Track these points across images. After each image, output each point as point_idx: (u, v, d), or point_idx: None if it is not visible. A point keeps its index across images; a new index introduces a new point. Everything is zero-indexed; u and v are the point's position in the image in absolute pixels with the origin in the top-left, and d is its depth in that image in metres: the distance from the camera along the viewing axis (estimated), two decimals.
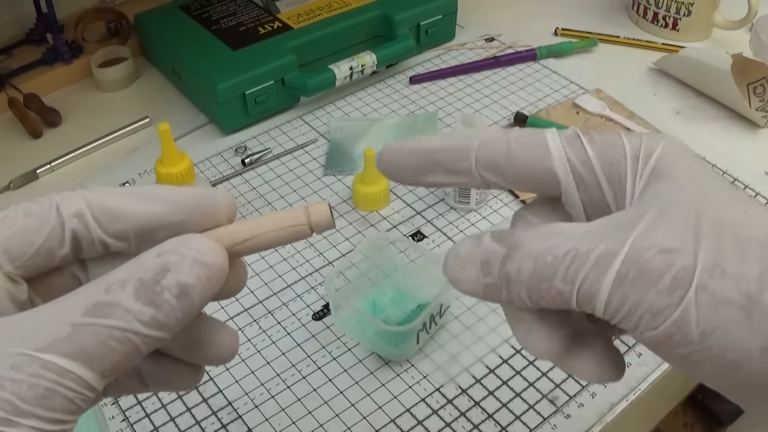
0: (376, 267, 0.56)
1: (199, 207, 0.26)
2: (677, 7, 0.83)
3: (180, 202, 0.26)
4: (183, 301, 0.23)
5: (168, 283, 0.23)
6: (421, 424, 0.48)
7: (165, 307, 0.23)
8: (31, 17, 0.79)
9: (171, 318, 0.23)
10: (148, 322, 0.23)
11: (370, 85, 0.79)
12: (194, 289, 0.23)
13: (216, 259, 0.24)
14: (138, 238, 0.26)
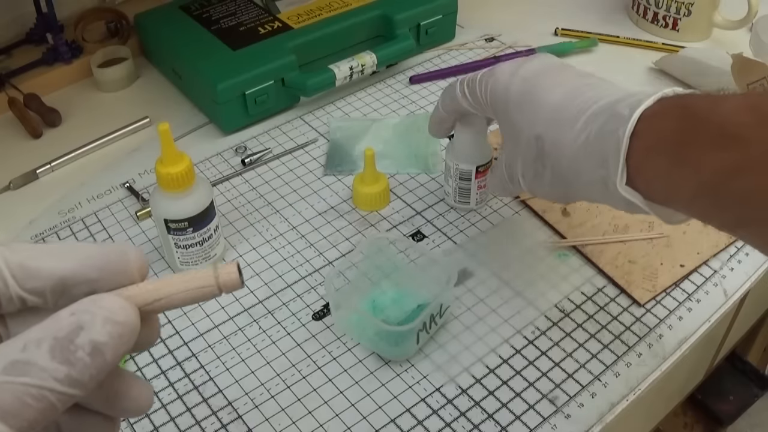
0: (376, 267, 0.56)
1: (111, 265, 0.27)
2: (677, 7, 0.83)
3: (93, 260, 0.27)
4: (96, 358, 0.25)
5: (81, 341, 0.24)
6: (421, 424, 0.48)
7: (79, 365, 0.24)
8: (31, 17, 0.79)
9: (85, 375, 0.24)
10: (63, 380, 0.24)
11: (370, 85, 0.79)
12: (107, 346, 0.25)
13: (127, 317, 0.26)
14: (54, 294, 0.27)
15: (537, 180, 0.47)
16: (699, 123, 0.37)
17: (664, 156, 0.39)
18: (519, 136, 0.47)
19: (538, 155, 0.46)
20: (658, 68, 0.80)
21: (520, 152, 0.47)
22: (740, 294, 0.57)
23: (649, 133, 0.39)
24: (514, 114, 0.47)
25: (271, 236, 0.62)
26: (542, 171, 0.46)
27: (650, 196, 0.40)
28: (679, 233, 0.60)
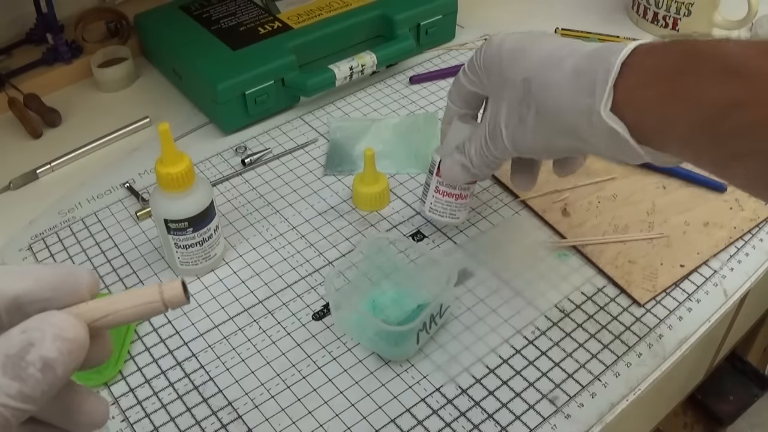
0: (376, 267, 0.56)
1: (63, 284, 0.28)
2: (677, 7, 0.83)
3: (46, 280, 0.28)
4: (47, 374, 0.25)
5: (32, 358, 0.25)
6: (421, 424, 0.48)
7: (30, 380, 0.25)
8: (31, 17, 0.79)
9: (37, 391, 0.25)
10: (15, 396, 0.25)
11: (370, 85, 0.79)
12: (57, 362, 0.26)
13: (76, 333, 0.27)
14: (8, 312, 0.28)
15: (520, 126, 0.46)
16: (700, 57, 0.36)
17: (658, 89, 0.38)
18: (505, 84, 0.47)
19: (524, 97, 0.45)
20: None
21: (506, 99, 0.47)
22: (740, 294, 0.57)
23: (643, 67, 0.39)
24: (505, 66, 0.47)
25: (271, 236, 0.62)
26: (526, 114, 0.45)
27: (638, 130, 0.39)
28: (679, 233, 0.60)
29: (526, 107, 0.45)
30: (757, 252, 0.59)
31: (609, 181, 0.65)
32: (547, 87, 0.43)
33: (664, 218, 0.61)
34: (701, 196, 0.63)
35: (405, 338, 0.50)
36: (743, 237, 0.60)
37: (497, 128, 0.48)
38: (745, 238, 0.60)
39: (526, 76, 0.45)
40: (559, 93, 0.42)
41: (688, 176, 0.65)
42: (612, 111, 0.40)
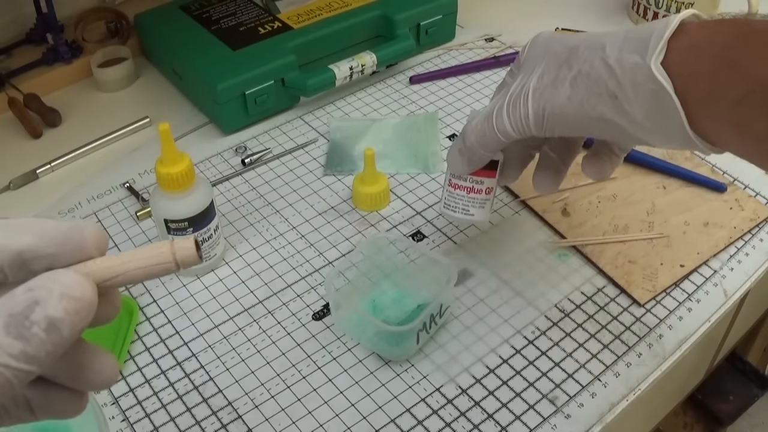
0: (376, 267, 0.56)
1: (68, 240, 0.27)
2: (677, 7, 0.83)
3: (50, 235, 0.27)
4: (52, 334, 0.24)
5: (37, 317, 0.24)
6: (421, 424, 0.48)
7: (34, 340, 0.24)
8: (31, 17, 0.79)
9: (41, 351, 0.24)
10: (18, 356, 0.24)
11: (370, 85, 0.79)
12: (63, 322, 0.25)
13: (84, 293, 0.25)
14: (12, 269, 0.27)
15: (554, 87, 0.43)
16: (754, 33, 0.36)
17: (711, 56, 0.37)
18: (546, 55, 0.45)
19: (567, 59, 0.43)
20: None
21: (543, 64, 0.44)
22: (740, 294, 0.57)
23: (699, 32, 0.38)
24: (553, 43, 0.45)
25: (271, 236, 0.62)
26: (566, 74, 0.43)
27: (686, 96, 0.38)
28: (679, 233, 0.60)
29: (567, 68, 0.43)
30: (757, 252, 0.59)
31: (609, 181, 0.65)
32: (594, 47, 0.42)
33: (664, 218, 0.61)
34: (701, 196, 0.63)
35: (405, 338, 0.50)
36: (743, 237, 0.60)
37: (523, 94, 0.45)
38: (745, 238, 0.60)
39: (574, 45, 0.43)
40: (606, 51, 0.41)
41: (688, 176, 0.65)
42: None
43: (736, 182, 0.65)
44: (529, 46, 0.48)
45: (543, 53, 0.45)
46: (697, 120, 0.38)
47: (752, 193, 0.64)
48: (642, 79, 0.39)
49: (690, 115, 0.38)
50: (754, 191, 0.64)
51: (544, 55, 0.45)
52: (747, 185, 0.65)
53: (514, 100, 0.45)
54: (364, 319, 0.52)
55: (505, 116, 0.45)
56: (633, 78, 0.39)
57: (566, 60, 0.43)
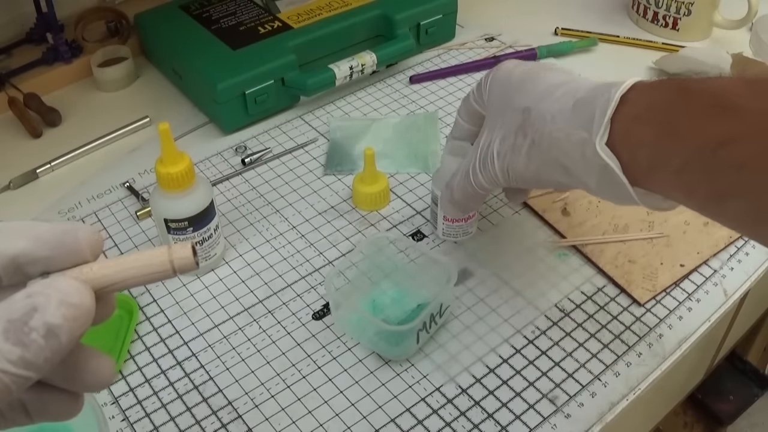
0: (376, 266, 0.56)
1: (62, 243, 0.28)
2: (677, 7, 0.83)
3: (44, 239, 0.27)
4: (51, 341, 0.24)
5: (35, 323, 0.24)
6: (421, 424, 0.48)
7: (33, 347, 0.24)
8: (31, 17, 0.79)
9: (39, 357, 0.24)
10: (16, 362, 0.24)
11: (370, 85, 0.79)
12: (61, 329, 0.25)
13: (82, 300, 0.26)
14: (7, 273, 0.27)
15: (513, 153, 0.46)
16: (692, 94, 0.37)
17: (652, 125, 0.38)
18: (506, 111, 0.47)
19: (522, 125, 0.45)
20: (658, 68, 0.80)
21: (503, 126, 0.47)
22: (740, 294, 0.57)
23: (639, 101, 0.39)
24: (509, 94, 0.47)
25: (271, 236, 0.62)
26: (522, 142, 0.45)
27: (631, 169, 0.39)
28: (679, 233, 0.60)
29: (522, 135, 0.45)
30: (757, 252, 0.59)
31: None
32: (544, 117, 0.44)
33: (664, 218, 0.61)
34: None
35: (405, 338, 0.50)
36: (743, 237, 0.60)
37: (489, 155, 0.48)
38: (745, 237, 0.60)
39: (527, 105, 0.46)
40: (555, 124, 0.43)
41: None
42: (607, 146, 0.40)
43: None
44: (489, 85, 0.50)
45: (503, 109, 0.48)
46: (645, 184, 0.40)
47: None
48: (589, 154, 0.40)
49: (637, 181, 0.40)
50: None
51: (503, 113, 0.48)
52: None
53: (483, 159, 0.48)
54: (364, 318, 0.52)
55: (479, 175, 0.49)
56: (581, 152, 0.41)
57: (521, 126, 0.45)
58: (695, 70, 0.75)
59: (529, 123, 0.45)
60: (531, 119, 0.45)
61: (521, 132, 0.45)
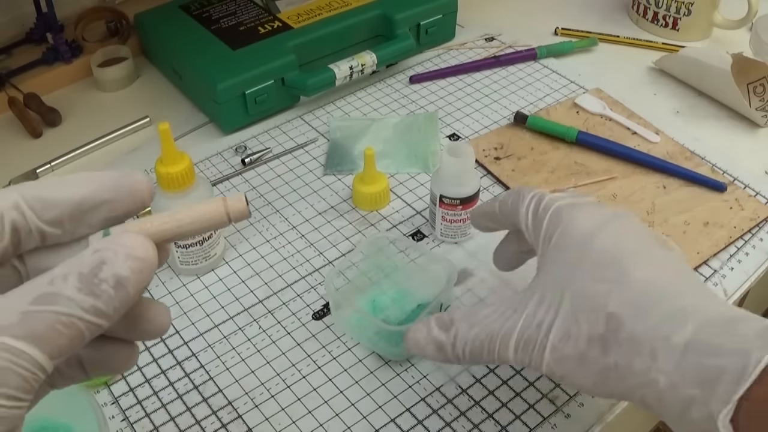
0: (376, 266, 0.56)
1: (121, 186, 0.29)
2: (677, 7, 0.83)
3: (105, 183, 0.29)
4: (119, 291, 0.26)
5: (105, 275, 0.26)
6: (421, 424, 0.48)
7: (104, 296, 0.25)
8: (31, 17, 0.79)
9: (110, 307, 0.26)
10: (89, 310, 0.25)
11: (370, 85, 0.79)
12: (129, 281, 0.26)
13: (147, 253, 0.27)
14: (72, 221, 0.28)
15: (578, 364, 0.37)
16: None
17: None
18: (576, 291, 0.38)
19: (603, 337, 0.36)
20: (658, 68, 0.80)
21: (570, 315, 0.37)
22: (740, 294, 0.57)
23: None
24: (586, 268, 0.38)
25: (271, 236, 0.62)
26: (597, 357, 0.36)
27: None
28: (679, 233, 0.60)
29: (600, 350, 0.36)
30: (757, 252, 0.59)
31: (609, 181, 0.65)
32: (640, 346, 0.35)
33: (664, 218, 0.61)
34: (701, 196, 0.63)
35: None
36: (743, 236, 0.60)
37: (538, 338, 0.38)
38: (745, 237, 0.60)
39: (613, 310, 0.36)
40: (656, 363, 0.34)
41: (688, 176, 0.65)
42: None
43: (736, 182, 0.65)
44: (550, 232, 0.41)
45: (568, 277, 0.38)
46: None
47: (752, 193, 0.64)
48: (697, 417, 0.33)
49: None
50: (754, 191, 0.64)
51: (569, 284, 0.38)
52: (747, 185, 0.65)
53: (527, 337, 0.38)
54: (364, 319, 0.52)
55: (511, 351, 0.39)
56: (684, 408, 0.33)
57: (602, 338, 0.36)
58: (695, 70, 0.75)
59: (616, 341, 0.35)
60: (619, 338, 0.35)
61: (600, 345, 0.36)
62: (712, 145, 0.69)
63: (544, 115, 0.72)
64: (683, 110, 0.75)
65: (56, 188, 0.28)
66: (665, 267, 0.38)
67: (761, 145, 0.70)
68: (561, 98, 0.76)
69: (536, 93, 0.77)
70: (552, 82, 0.78)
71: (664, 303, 0.35)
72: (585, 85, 0.77)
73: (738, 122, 0.73)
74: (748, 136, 0.71)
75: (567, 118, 0.72)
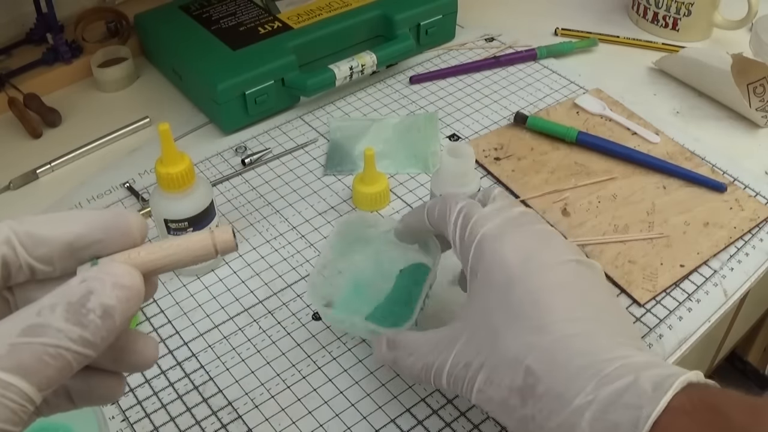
0: (348, 246, 0.54)
1: (114, 227, 0.29)
2: (677, 7, 0.83)
3: (97, 223, 0.29)
4: (106, 321, 0.26)
5: (93, 305, 0.26)
6: (421, 424, 0.48)
7: (91, 326, 0.26)
8: (31, 17, 0.79)
9: (97, 337, 0.26)
10: (77, 340, 0.26)
11: (370, 85, 0.79)
12: (115, 310, 0.27)
13: (133, 281, 0.27)
14: (62, 259, 0.29)
15: (502, 410, 0.39)
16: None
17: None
18: (497, 334, 0.39)
19: (521, 390, 0.37)
20: (658, 68, 0.80)
21: (491, 364, 0.39)
22: (740, 294, 0.57)
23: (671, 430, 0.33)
24: (510, 322, 0.39)
25: (271, 236, 0.62)
26: (517, 407, 0.38)
27: None
28: (679, 233, 0.60)
29: (520, 401, 0.37)
30: (757, 252, 0.59)
31: (609, 181, 0.65)
32: (554, 400, 0.36)
33: (664, 218, 0.61)
34: (701, 196, 0.63)
35: (403, 321, 0.48)
36: (743, 237, 0.60)
37: (467, 380, 0.40)
38: (745, 238, 0.60)
39: (530, 363, 0.37)
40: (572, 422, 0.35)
41: (688, 176, 0.65)
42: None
43: (736, 182, 0.65)
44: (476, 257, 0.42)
45: (489, 317, 0.40)
46: None
47: (752, 193, 0.64)
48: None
49: None
50: (754, 191, 0.64)
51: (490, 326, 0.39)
52: (747, 185, 0.65)
53: (457, 375, 0.40)
54: (354, 321, 0.50)
55: (444, 382, 0.41)
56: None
57: (521, 391, 0.37)
58: (695, 70, 0.75)
59: (533, 395, 0.37)
60: (536, 393, 0.37)
61: (519, 396, 0.37)
62: (712, 145, 0.69)
63: (544, 116, 0.72)
64: (683, 110, 0.75)
65: (48, 226, 0.28)
66: (586, 307, 0.39)
67: (761, 145, 0.70)
68: (561, 98, 0.76)
69: (536, 93, 0.77)
70: (552, 82, 0.78)
71: (577, 358, 0.36)
72: (585, 86, 0.77)
73: (738, 122, 0.73)
74: (748, 136, 0.71)
75: (567, 119, 0.72)
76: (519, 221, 0.43)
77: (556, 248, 0.42)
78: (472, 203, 0.45)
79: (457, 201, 0.45)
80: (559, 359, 0.37)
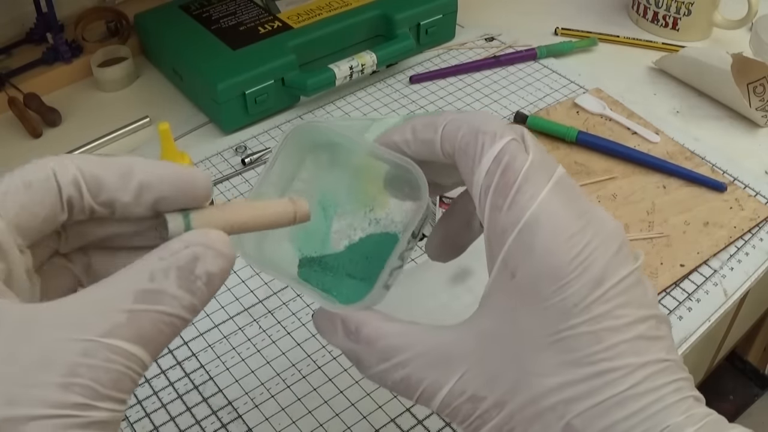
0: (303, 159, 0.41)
1: (182, 183, 0.28)
2: (677, 7, 0.83)
3: (166, 176, 0.28)
4: (210, 288, 0.26)
5: (200, 272, 0.25)
6: (421, 424, 0.48)
7: (198, 293, 0.25)
8: (31, 17, 0.79)
9: (202, 304, 0.26)
10: (188, 307, 0.25)
11: (370, 85, 0.79)
12: (217, 277, 0.26)
13: (231, 251, 0.27)
14: (123, 208, 0.28)
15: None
16: None
17: None
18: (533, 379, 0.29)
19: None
20: (658, 68, 0.80)
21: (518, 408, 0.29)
22: (740, 294, 0.57)
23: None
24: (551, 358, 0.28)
25: None
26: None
27: None
28: (679, 233, 0.60)
29: None
30: (757, 251, 0.59)
31: (609, 181, 0.65)
32: None
33: (664, 218, 0.61)
34: (701, 196, 0.63)
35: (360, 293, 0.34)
36: (743, 236, 0.60)
37: (471, 418, 0.30)
38: (745, 237, 0.60)
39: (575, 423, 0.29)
40: None
41: (688, 176, 0.65)
42: None
43: (736, 182, 0.65)
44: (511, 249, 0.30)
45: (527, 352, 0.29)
46: None
47: (752, 193, 0.64)
48: None
49: None
50: (754, 191, 0.64)
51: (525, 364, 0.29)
52: (747, 185, 0.65)
53: (457, 407, 0.30)
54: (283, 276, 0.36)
55: (436, 406, 0.31)
56: None
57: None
58: (695, 70, 0.75)
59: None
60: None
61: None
62: (712, 145, 0.69)
63: (544, 115, 0.72)
64: (683, 110, 0.75)
65: (115, 172, 0.27)
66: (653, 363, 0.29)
67: (761, 145, 0.70)
68: (561, 98, 0.76)
69: (536, 93, 0.77)
70: (552, 82, 0.78)
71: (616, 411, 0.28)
72: (585, 85, 0.77)
73: (738, 122, 0.73)
74: (748, 136, 0.71)
75: (567, 118, 0.72)
76: (573, 192, 0.30)
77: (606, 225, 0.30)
78: (517, 145, 0.31)
79: (496, 131, 0.31)
80: (601, 412, 0.28)
